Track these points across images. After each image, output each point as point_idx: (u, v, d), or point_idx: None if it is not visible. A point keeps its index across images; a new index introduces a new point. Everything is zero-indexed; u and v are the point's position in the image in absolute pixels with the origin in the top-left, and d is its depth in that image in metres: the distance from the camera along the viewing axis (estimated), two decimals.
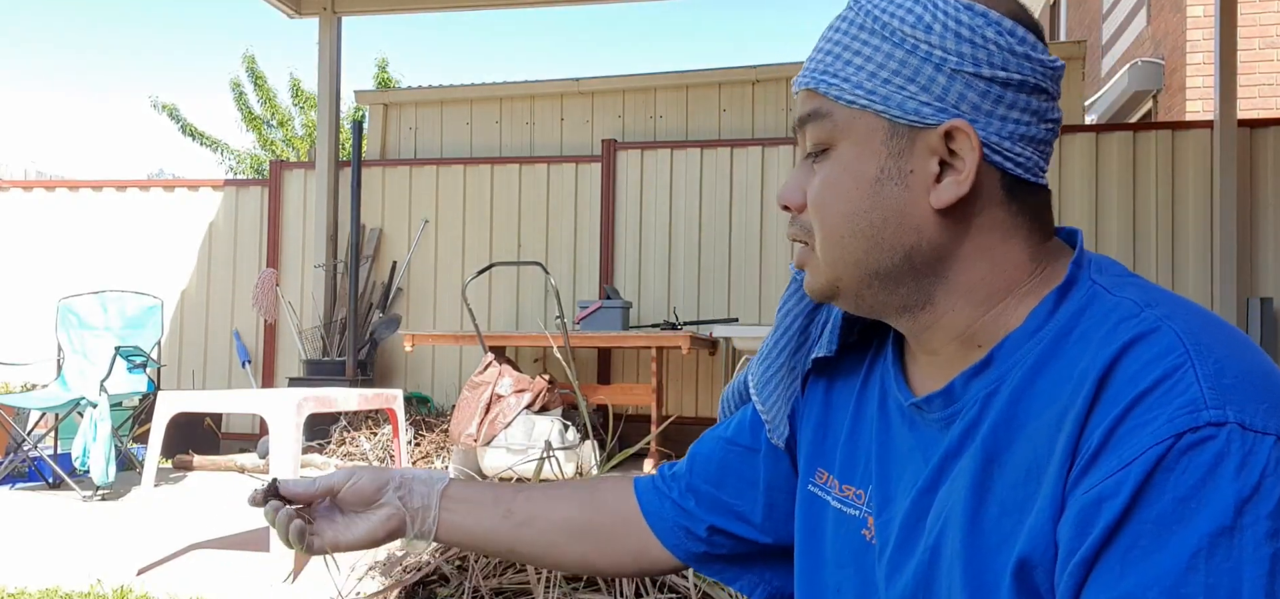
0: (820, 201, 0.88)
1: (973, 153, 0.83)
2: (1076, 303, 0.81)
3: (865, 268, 0.87)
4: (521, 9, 10.18)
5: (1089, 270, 0.83)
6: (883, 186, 0.85)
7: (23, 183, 8.03)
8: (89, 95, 44.58)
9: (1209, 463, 0.67)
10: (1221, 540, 0.66)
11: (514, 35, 43.73)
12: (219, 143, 15.01)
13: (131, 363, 5.58)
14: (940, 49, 0.83)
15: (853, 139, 0.86)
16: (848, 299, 0.90)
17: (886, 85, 0.84)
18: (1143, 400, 0.71)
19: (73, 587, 3.26)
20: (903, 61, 0.84)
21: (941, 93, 0.83)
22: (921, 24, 0.84)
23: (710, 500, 1.12)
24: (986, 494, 0.80)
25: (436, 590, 2.64)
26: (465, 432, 5.32)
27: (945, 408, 0.86)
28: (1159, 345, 0.73)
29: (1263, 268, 6.23)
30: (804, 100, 0.90)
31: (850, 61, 0.86)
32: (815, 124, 0.89)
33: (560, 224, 7.13)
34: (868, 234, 0.86)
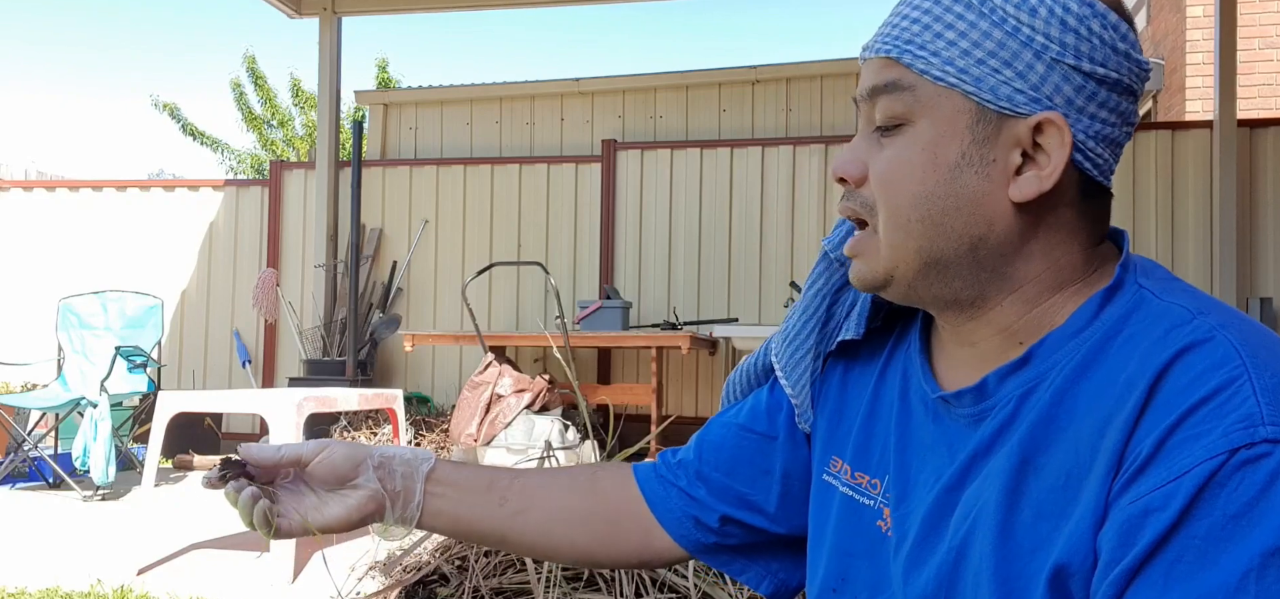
0: (890, 178, 0.83)
1: (1062, 149, 0.79)
2: (1123, 306, 0.79)
3: (927, 255, 0.82)
4: (521, 9, 10.18)
5: (1136, 274, 0.81)
6: (961, 173, 0.81)
7: (23, 183, 8.04)
8: (89, 95, 44.62)
9: (1264, 481, 0.65)
10: (1273, 561, 0.63)
11: (514, 35, 43.72)
12: (219, 143, 15.02)
13: (132, 363, 5.58)
14: (1043, 35, 0.79)
15: (935, 118, 0.81)
16: (898, 288, 0.86)
17: (980, 65, 0.80)
18: (1197, 411, 0.68)
19: (73, 587, 3.27)
20: (1001, 43, 0.79)
21: (1038, 82, 0.79)
22: (1026, 6, 0.79)
23: (722, 489, 1.06)
24: (1021, 497, 0.77)
25: (437, 590, 2.64)
26: (465, 432, 5.32)
27: (976, 404, 0.84)
28: (1214, 355, 0.70)
29: (1263, 268, 6.23)
30: (880, 69, 0.84)
31: (942, 34, 0.81)
32: (892, 96, 0.83)
33: (560, 224, 7.13)
34: (937, 220, 0.81)
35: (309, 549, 3.47)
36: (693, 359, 6.81)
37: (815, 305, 1.00)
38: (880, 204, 0.84)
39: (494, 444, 5.27)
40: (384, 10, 7.69)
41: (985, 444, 0.82)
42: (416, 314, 7.27)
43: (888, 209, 0.83)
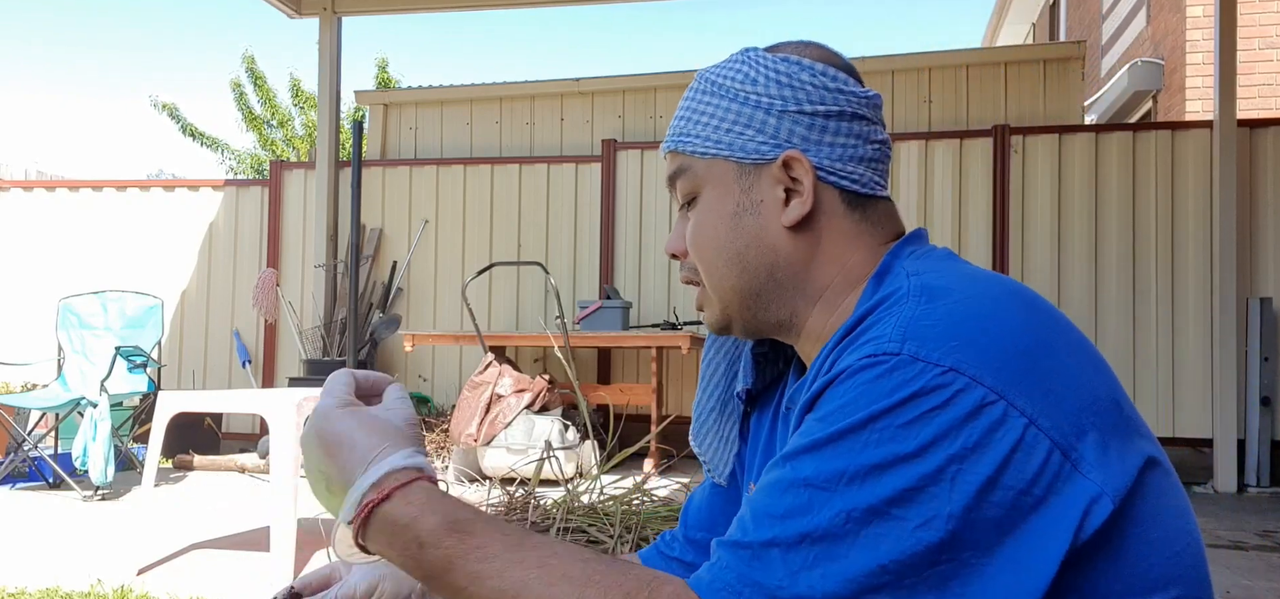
0: (696, 242, 1.01)
1: (808, 174, 0.96)
2: (878, 284, 0.92)
3: (741, 291, 1.00)
4: (521, 9, 10.18)
5: (902, 256, 0.94)
6: (741, 218, 0.98)
7: (23, 183, 8.04)
8: (89, 95, 44.53)
9: (869, 377, 0.77)
10: (852, 434, 0.76)
11: (514, 35, 43.71)
12: (219, 143, 15.02)
13: (132, 363, 5.58)
14: (766, 96, 0.98)
15: (712, 184, 1.00)
16: (738, 324, 1.02)
17: (729, 133, 0.99)
18: (852, 342, 0.84)
19: (73, 587, 3.27)
20: (738, 112, 0.99)
21: (773, 132, 0.97)
22: (748, 79, 1.00)
23: (706, 547, 1.13)
24: (777, 442, 0.99)
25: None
26: (465, 431, 5.32)
27: (800, 398, 0.94)
28: (894, 299, 0.85)
29: (1263, 268, 6.23)
30: (670, 162, 1.04)
31: (699, 120, 1.01)
32: (682, 179, 1.02)
33: (560, 224, 7.13)
34: (736, 261, 0.99)
35: (309, 549, 3.47)
36: (693, 359, 6.80)
37: (710, 374, 1.17)
38: (698, 263, 1.02)
39: (494, 444, 5.27)
40: (384, 10, 7.69)
41: (783, 428, 1.00)
42: (416, 314, 7.27)
43: (703, 265, 1.01)
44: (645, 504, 2.77)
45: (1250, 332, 6.06)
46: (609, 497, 2.80)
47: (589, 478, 2.94)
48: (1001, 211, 6.48)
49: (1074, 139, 6.49)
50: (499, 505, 2.82)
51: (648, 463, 5.54)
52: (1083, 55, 7.05)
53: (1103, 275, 6.37)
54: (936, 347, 0.77)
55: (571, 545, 0.86)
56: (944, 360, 0.76)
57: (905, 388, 0.75)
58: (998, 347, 0.77)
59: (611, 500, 2.77)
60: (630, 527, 2.61)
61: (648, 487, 2.90)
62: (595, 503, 2.76)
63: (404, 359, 7.23)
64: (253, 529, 4.03)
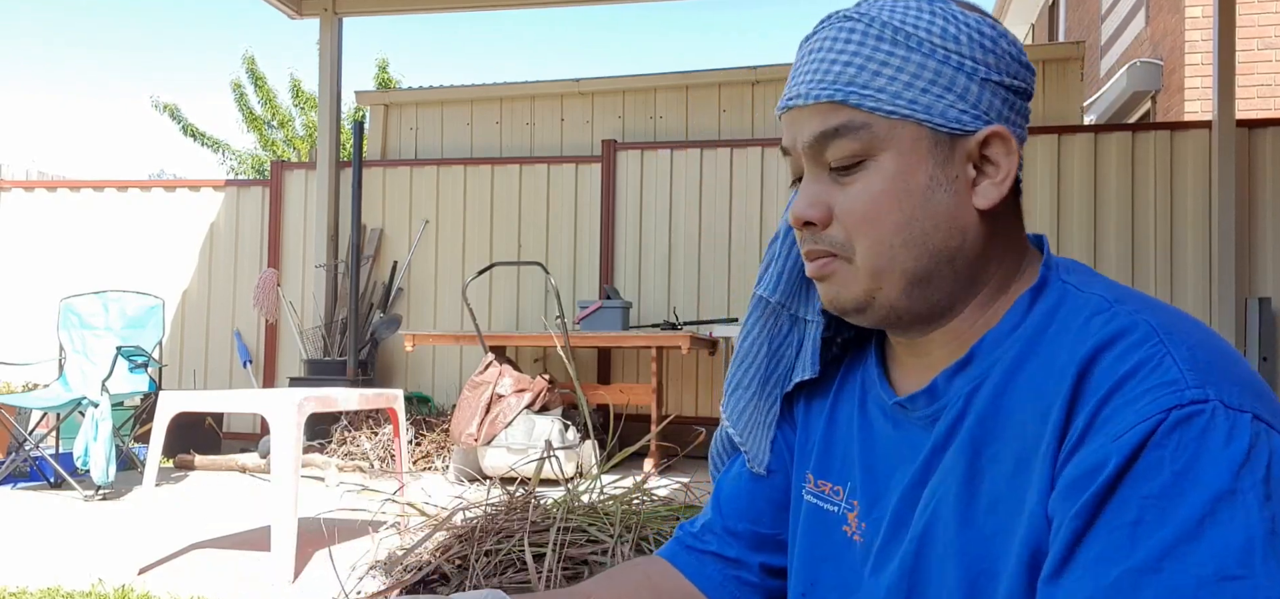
0: (867, 213, 0.88)
1: (1011, 156, 0.87)
2: (1050, 301, 0.86)
3: (912, 275, 0.88)
4: (521, 9, 10.19)
5: (1058, 271, 0.89)
6: (934, 194, 0.87)
7: (24, 183, 8.04)
8: (89, 95, 44.57)
9: (1199, 435, 0.71)
10: (1223, 504, 0.69)
11: (514, 35, 43.66)
12: (220, 143, 15.02)
13: (133, 363, 5.59)
14: (971, 58, 0.86)
15: (895, 149, 0.87)
16: (877, 310, 0.90)
17: (925, 94, 0.86)
18: (1125, 382, 0.75)
19: (74, 586, 3.27)
20: (937, 71, 0.86)
21: (975, 100, 0.87)
22: (948, 35, 0.87)
23: (752, 538, 1.10)
24: (977, 487, 0.83)
25: (437, 590, 2.65)
26: (466, 431, 5.33)
27: (929, 405, 0.90)
28: (1134, 336, 0.77)
29: (1262, 268, 6.24)
30: (824, 115, 0.88)
31: (880, 73, 0.87)
32: (847, 138, 0.87)
33: (560, 224, 7.14)
34: (920, 241, 0.87)
35: (310, 549, 3.48)
36: (693, 359, 6.81)
37: (753, 351, 1.07)
38: (858, 238, 0.88)
39: (494, 444, 5.28)
40: (384, 10, 7.70)
41: (941, 441, 0.88)
42: (417, 314, 7.28)
43: (869, 241, 0.88)
44: (645, 504, 2.78)
45: (1249, 332, 6.07)
46: (609, 497, 2.80)
47: (589, 478, 2.95)
48: None
49: (1073, 139, 6.50)
50: (499, 505, 2.83)
51: (648, 463, 5.54)
52: (1082, 56, 7.06)
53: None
54: (1232, 391, 0.73)
55: None
56: (1246, 405, 0.73)
57: (1239, 439, 0.71)
58: (1256, 382, 0.76)
59: (611, 500, 2.78)
60: (630, 527, 2.61)
61: (648, 486, 2.90)
62: (595, 503, 2.77)
63: (404, 359, 7.24)
64: (253, 529, 4.04)
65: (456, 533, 2.77)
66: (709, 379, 6.84)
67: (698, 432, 3.77)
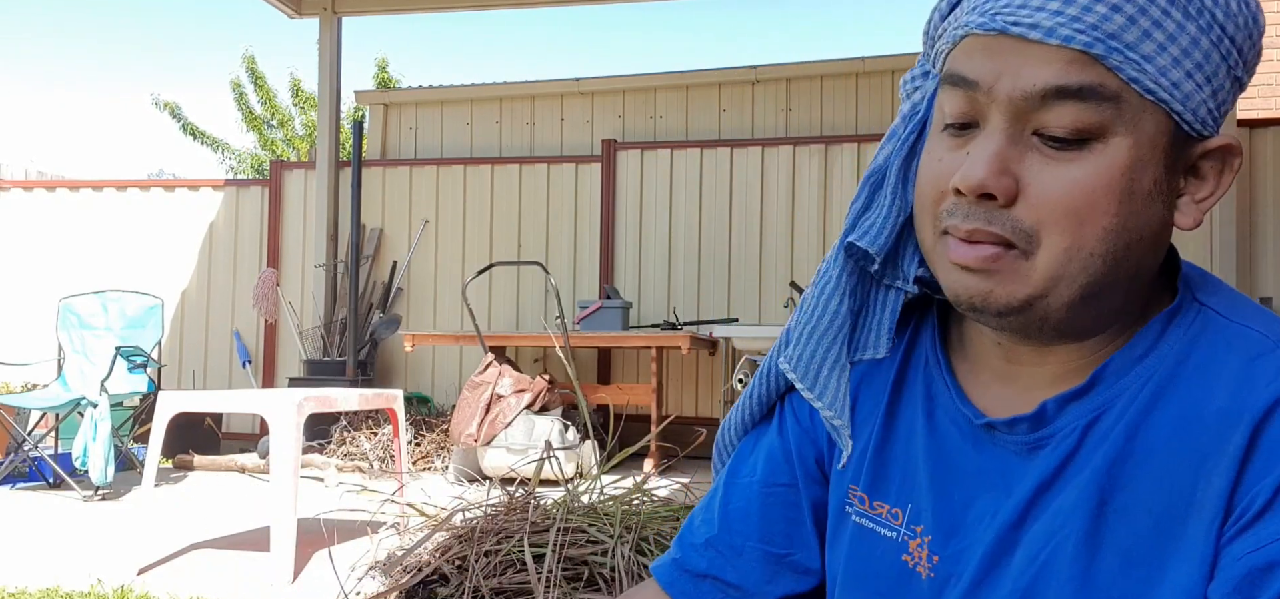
0: (1079, 208, 0.69)
1: (1228, 174, 0.72)
2: (1188, 328, 0.73)
3: (1089, 289, 0.71)
4: (521, 9, 10.18)
5: (1194, 289, 0.76)
6: (1153, 203, 0.70)
7: (23, 183, 8.04)
8: (89, 95, 44.59)
9: None
10: None
11: (514, 35, 43.71)
12: (220, 143, 15.02)
13: (132, 363, 5.58)
14: (1235, 46, 0.70)
15: (1134, 136, 0.69)
16: (1031, 318, 0.73)
17: (1189, 79, 0.69)
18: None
19: (73, 587, 3.27)
20: (1207, 54, 0.69)
21: (1222, 100, 0.71)
22: (1229, 11, 0.69)
23: (763, 558, 0.92)
24: (1103, 541, 0.71)
25: (437, 590, 2.64)
26: (465, 431, 5.32)
27: (1032, 432, 0.76)
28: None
29: (1263, 268, 6.23)
30: (1070, 65, 0.68)
31: (1152, 35, 0.67)
32: (1088, 104, 0.68)
33: (560, 224, 7.13)
34: (1120, 254, 0.70)
35: (309, 549, 3.47)
36: (693, 359, 6.81)
37: (835, 308, 0.87)
38: (1052, 233, 0.70)
39: (494, 444, 5.27)
40: (384, 10, 7.69)
41: (1048, 477, 0.75)
42: (416, 314, 7.27)
43: (1067, 241, 0.69)
44: (645, 504, 2.77)
45: None
46: (609, 497, 2.80)
47: (589, 478, 2.94)
48: None
49: None
50: (499, 506, 2.83)
51: (648, 463, 5.54)
52: None
53: None
54: None
55: None
56: None
57: None
58: None
59: (611, 500, 2.77)
60: (630, 527, 2.61)
61: (648, 487, 2.90)
62: (595, 503, 2.76)
63: (404, 359, 7.23)
64: (253, 529, 4.03)
65: (456, 533, 2.76)
66: (709, 379, 6.84)
67: (698, 432, 3.76)
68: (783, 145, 6.84)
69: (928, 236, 0.77)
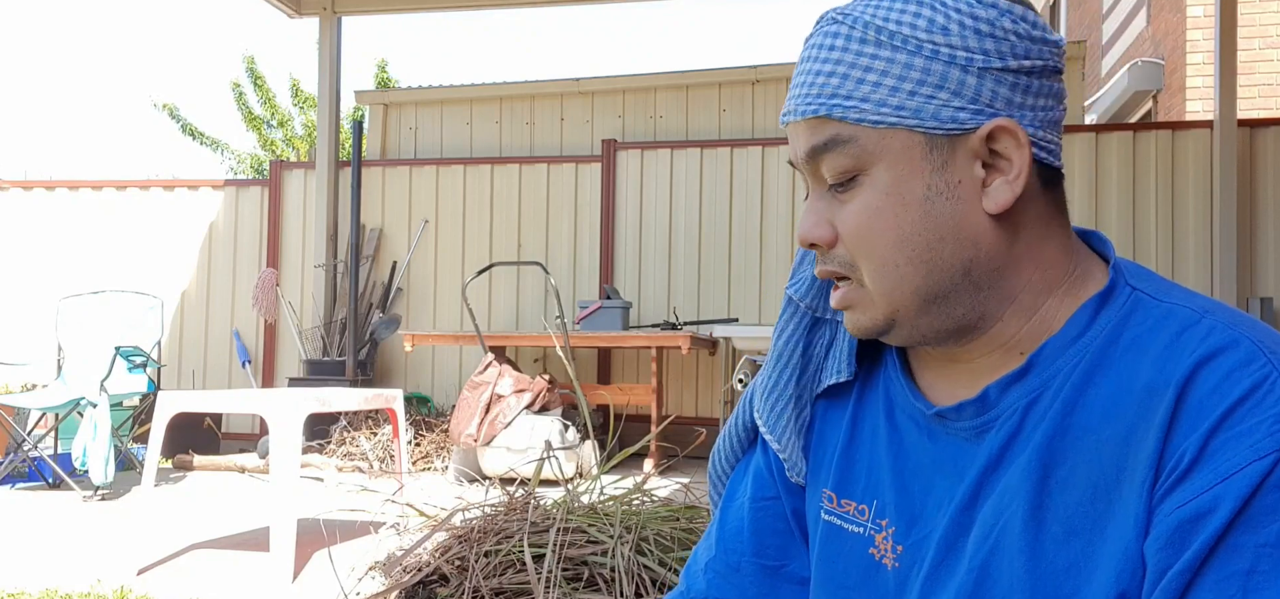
0: (865, 233, 0.81)
1: (1021, 149, 0.79)
2: (1119, 310, 0.79)
3: (924, 293, 0.81)
4: (521, 9, 10.18)
5: (1126, 276, 0.81)
6: (933, 204, 0.79)
7: (23, 183, 8.03)
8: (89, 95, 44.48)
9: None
10: None
11: (514, 35, 43.65)
12: (219, 143, 15.02)
13: (131, 363, 5.57)
14: (964, 49, 0.79)
15: (889, 161, 0.80)
16: (902, 330, 0.83)
17: (913, 97, 0.79)
18: (1235, 412, 0.69)
19: (73, 587, 3.27)
20: (925, 69, 0.79)
21: (974, 94, 0.79)
22: (935, 27, 0.79)
23: (761, 572, 0.98)
24: (1046, 512, 0.76)
25: (437, 590, 2.64)
26: (465, 432, 5.32)
27: (977, 416, 0.82)
28: (1238, 356, 0.71)
29: (1263, 268, 6.23)
30: (812, 130, 0.82)
31: (863, 80, 0.80)
32: (836, 152, 0.81)
33: (560, 224, 7.13)
34: (925, 257, 0.80)
35: (309, 549, 3.47)
36: (693, 359, 6.80)
37: (788, 353, 0.97)
38: (861, 258, 0.82)
39: (494, 444, 5.27)
40: (384, 10, 7.69)
41: (994, 458, 0.80)
42: (416, 314, 7.27)
43: (873, 261, 0.81)
44: (645, 504, 2.77)
45: None
46: (609, 497, 2.80)
47: (589, 478, 2.94)
48: None
49: (1074, 139, 6.49)
50: (498, 506, 2.82)
51: (648, 463, 5.53)
52: (1083, 55, 7.05)
53: None
54: None
55: None
56: None
57: None
58: None
59: (611, 500, 2.77)
60: (630, 527, 2.60)
61: (648, 487, 2.89)
62: (595, 503, 2.76)
63: (404, 359, 7.23)
64: (253, 529, 4.03)
65: (456, 534, 2.76)
66: (709, 379, 6.83)
67: (698, 432, 3.75)
68: (782, 145, 6.82)
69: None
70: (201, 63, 40.18)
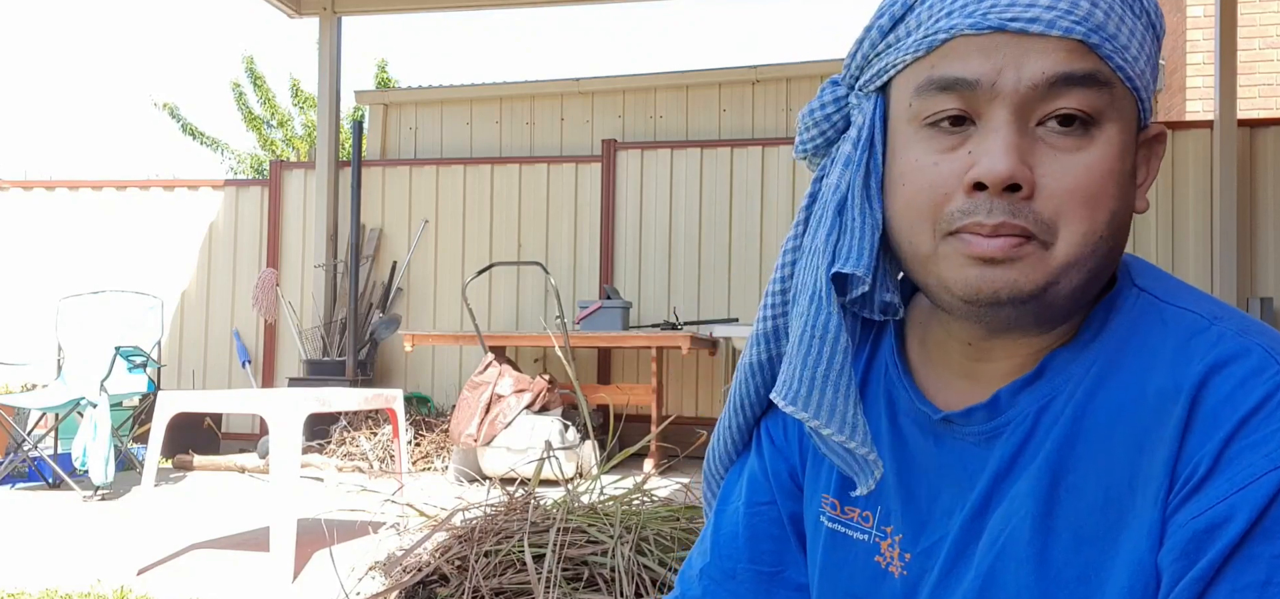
0: (1093, 192, 0.71)
1: (1157, 161, 0.77)
2: (1127, 313, 0.76)
3: (1094, 274, 0.74)
4: (521, 9, 10.18)
5: (1131, 276, 0.79)
6: (1132, 186, 0.75)
7: (23, 183, 8.03)
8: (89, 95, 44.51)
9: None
10: None
11: (514, 35, 43.67)
12: (219, 143, 15.01)
13: (131, 363, 5.57)
14: (1159, 43, 0.75)
15: (1122, 123, 0.72)
16: (1042, 306, 0.73)
17: (1146, 70, 0.73)
18: (1250, 420, 0.67)
19: (73, 587, 3.27)
20: (1151, 48, 0.74)
21: (1151, 87, 0.75)
22: (1156, 8, 0.74)
23: (757, 578, 0.93)
24: (1056, 520, 0.74)
25: (437, 590, 2.64)
26: (465, 432, 5.32)
27: (988, 421, 0.78)
28: (1250, 363, 0.69)
29: (1263, 268, 6.23)
30: (1072, 54, 0.70)
31: (1122, 28, 0.72)
32: (1090, 92, 0.70)
33: (560, 224, 7.13)
34: (1118, 236, 0.74)
35: (309, 549, 3.47)
36: (693, 359, 6.80)
37: (835, 336, 0.81)
38: (1070, 220, 0.71)
39: (494, 444, 5.27)
40: (384, 10, 7.69)
41: (1005, 465, 0.77)
42: (416, 314, 7.27)
43: (1085, 226, 0.71)
44: (645, 504, 2.77)
45: None
46: (609, 497, 2.80)
47: (589, 478, 2.94)
48: None
49: None
50: (498, 506, 2.82)
51: (648, 463, 5.53)
52: None
53: None
54: None
55: None
56: None
57: None
58: None
59: (611, 500, 2.77)
60: (630, 527, 2.60)
61: (648, 487, 2.89)
62: (595, 504, 2.76)
63: (404, 359, 7.23)
64: (253, 529, 4.03)
65: (456, 534, 2.76)
66: (709, 379, 6.83)
67: (698, 432, 3.75)
68: (782, 145, 6.83)
69: (923, 243, 0.75)
70: (201, 63, 40.17)
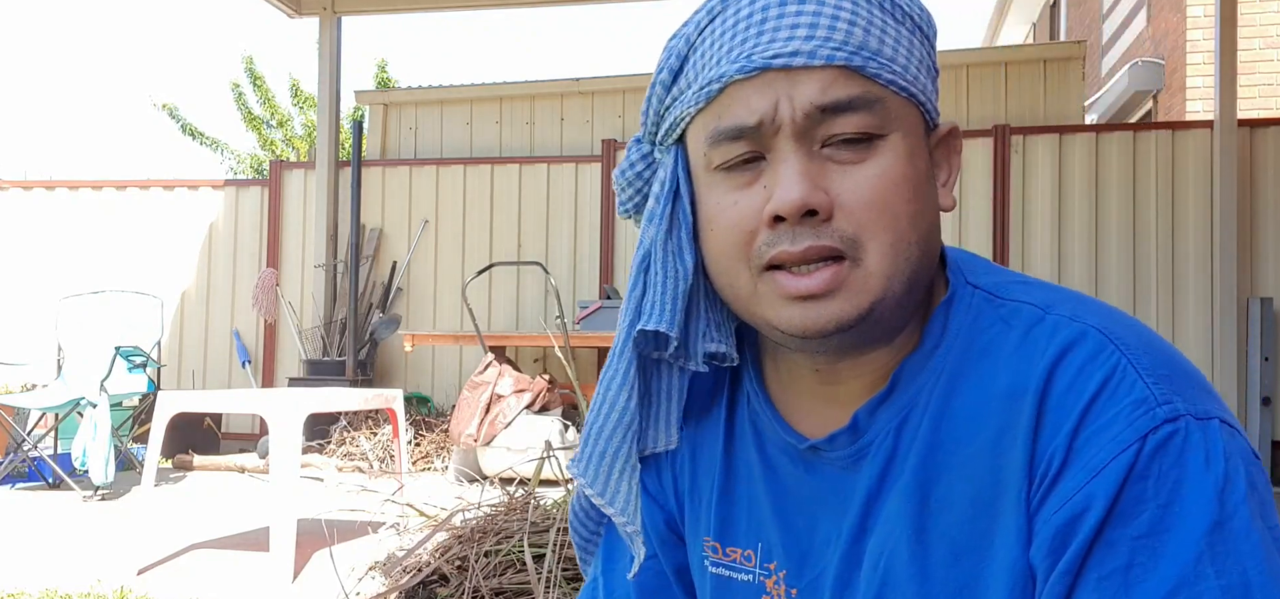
0: (888, 200, 0.72)
1: (958, 155, 0.79)
2: (966, 313, 0.77)
3: (912, 280, 0.74)
4: (521, 9, 10.18)
5: (965, 274, 0.79)
6: (930, 188, 0.76)
7: (23, 183, 8.03)
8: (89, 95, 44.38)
9: (1177, 459, 0.66)
10: (1217, 536, 0.64)
11: (514, 35, 43.71)
12: (219, 143, 15.01)
13: (131, 363, 5.57)
14: (931, 45, 0.77)
15: (904, 133, 0.73)
16: (873, 323, 0.74)
17: (919, 75, 0.75)
18: (1092, 407, 0.68)
19: (72, 587, 3.26)
20: (923, 53, 0.76)
21: (936, 90, 0.78)
22: (922, 13, 0.76)
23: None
24: (929, 535, 0.74)
25: (437, 591, 2.64)
26: (465, 432, 5.31)
27: (851, 444, 0.79)
28: (1088, 348, 0.70)
29: (1263, 268, 6.23)
30: (835, 81, 0.71)
31: (886, 42, 0.73)
32: (863, 112, 0.72)
33: (560, 224, 7.13)
34: (927, 240, 0.75)
35: (309, 549, 3.46)
36: None
37: (625, 404, 0.83)
38: (873, 231, 0.72)
39: (494, 444, 5.27)
40: (384, 10, 7.69)
41: (874, 485, 0.77)
42: (416, 314, 7.27)
43: (888, 234, 0.72)
44: None
45: (1251, 332, 6.06)
46: None
47: None
48: (1002, 212, 6.47)
49: (1074, 139, 6.49)
50: (498, 506, 2.82)
51: None
52: (1083, 55, 7.05)
53: (1103, 276, 6.37)
54: (1193, 397, 0.68)
55: None
56: (1211, 410, 0.68)
57: (1216, 459, 0.66)
58: (1199, 376, 0.71)
59: None
60: None
61: None
62: None
63: (404, 359, 7.23)
64: (253, 529, 4.03)
65: (456, 534, 2.76)
66: None
67: None
68: None
69: (743, 283, 0.75)
70: (201, 63, 40.18)
